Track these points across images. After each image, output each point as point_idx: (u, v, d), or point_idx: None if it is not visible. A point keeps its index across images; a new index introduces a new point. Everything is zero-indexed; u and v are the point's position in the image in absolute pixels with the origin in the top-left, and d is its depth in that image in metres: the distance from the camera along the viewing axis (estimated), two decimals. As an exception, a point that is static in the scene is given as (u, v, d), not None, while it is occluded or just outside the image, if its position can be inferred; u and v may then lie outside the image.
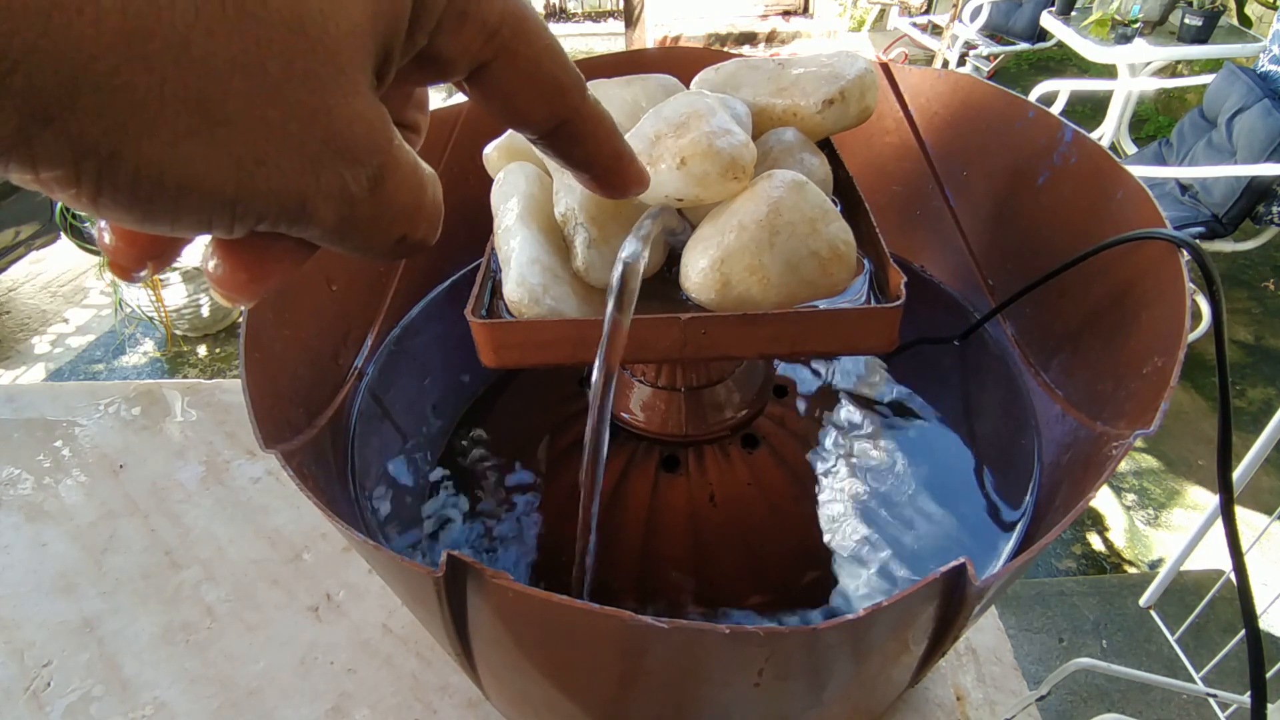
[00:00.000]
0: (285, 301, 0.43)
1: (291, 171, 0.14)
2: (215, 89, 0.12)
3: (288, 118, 0.13)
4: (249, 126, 0.13)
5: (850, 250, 0.35)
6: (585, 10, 4.13)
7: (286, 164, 0.14)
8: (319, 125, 0.14)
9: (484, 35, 0.16)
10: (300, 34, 0.13)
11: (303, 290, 0.46)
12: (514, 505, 0.45)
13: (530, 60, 0.17)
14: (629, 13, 2.52)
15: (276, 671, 0.54)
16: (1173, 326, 0.33)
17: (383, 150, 0.15)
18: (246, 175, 0.13)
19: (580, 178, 0.21)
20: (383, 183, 0.15)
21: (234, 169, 0.13)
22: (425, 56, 0.16)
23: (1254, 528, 1.46)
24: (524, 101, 0.18)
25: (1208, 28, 2.28)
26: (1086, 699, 1.23)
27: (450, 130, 0.56)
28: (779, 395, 0.50)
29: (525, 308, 0.33)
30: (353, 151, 0.15)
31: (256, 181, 0.14)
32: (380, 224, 0.16)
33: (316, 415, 0.44)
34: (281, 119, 0.13)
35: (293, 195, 0.14)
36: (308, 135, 0.14)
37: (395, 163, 0.15)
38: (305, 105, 0.14)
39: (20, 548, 0.64)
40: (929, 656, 0.34)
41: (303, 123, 0.14)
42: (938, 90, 0.54)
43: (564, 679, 0.33)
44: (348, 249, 0.16)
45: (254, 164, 0.13)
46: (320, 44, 0.13)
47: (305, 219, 0.15)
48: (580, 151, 0.20)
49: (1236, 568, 0.32)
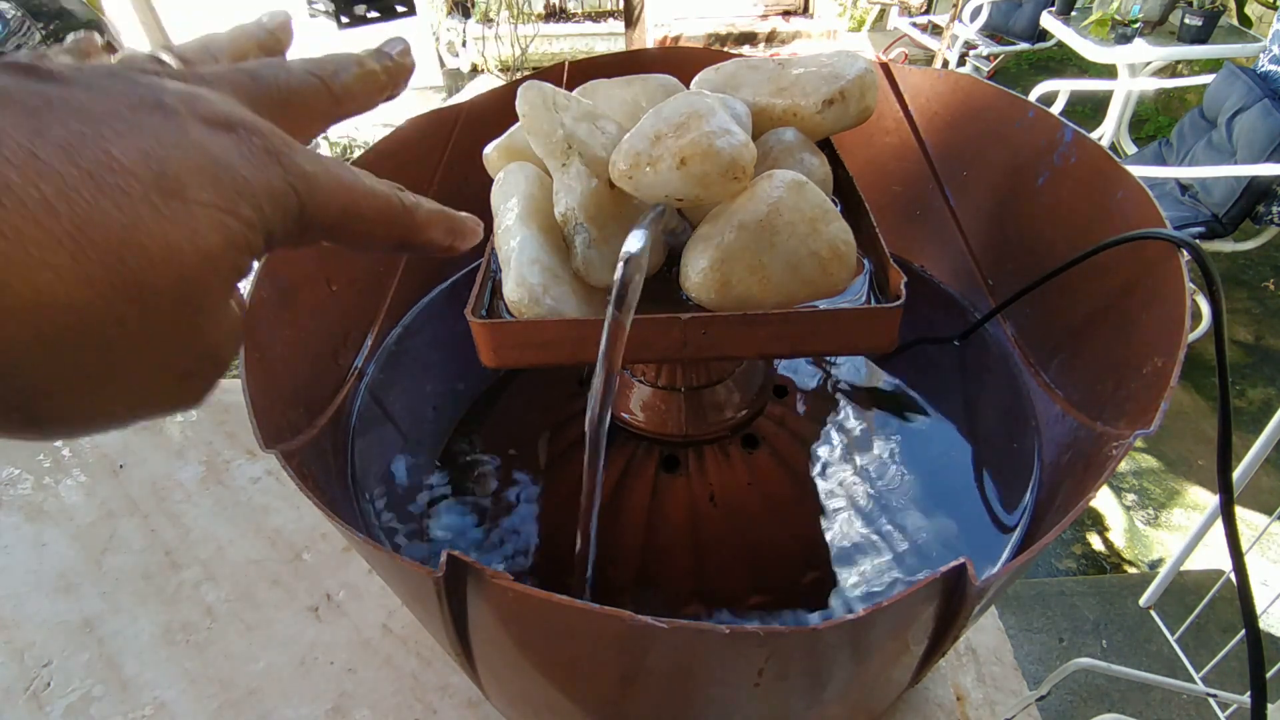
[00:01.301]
0: (285, 301, 0.43)
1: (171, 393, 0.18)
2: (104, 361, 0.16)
3: (165, 361, 0.17)
4: (136, 379, 0.17)
5: (850, 250, 0.35)
6: (585, 10, 4.13)
7: (166, 391, 0.18)
8: (193, 352, 0.18)
9: (326, 232, 0.20)
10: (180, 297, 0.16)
11: (303, 290, 0.46)
12: (514, 505, 0.45)
13: (363, 229, 0.21)
14: (629, 13, 2.52)
15: (276, 671, 0.54)
16: (1173, 326, 0.33)
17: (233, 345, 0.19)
18: (136, 406, 0.17)
19: None
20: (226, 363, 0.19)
21: (125, 407, 0.17)
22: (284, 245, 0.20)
23: (1254, 528, 1.46)
24: (372, 244, 0.22)
25: (1208, 28, 2.28)
26: (1086, 699, 1.23)
27: (450, 130, 0.56)
28: (779, 395, 0.50)
29: (525, 308, 0.33)
30: (215, 361, 0.18)
31: (143, 409, 0.18)
32: None
33: (316, 415, 0.44)
34: (161, 363, 0.17)
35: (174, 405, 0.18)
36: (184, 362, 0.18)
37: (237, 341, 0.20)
38: (182, 343, 0.17)
39: (20, 548, 0.64)
40: (929, 656, 0.34)
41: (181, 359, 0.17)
42: (938, 90, 0.54)
43: (564, 679, 0.33)
44: None
45: (139, 402, 0.17)
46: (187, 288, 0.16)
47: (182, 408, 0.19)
48: (424, 250, 0.24)
49: (1236, 568, 0.32)
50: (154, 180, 0.16)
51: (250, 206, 0.17)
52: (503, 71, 3.48)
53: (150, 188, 0.15)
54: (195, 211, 0.16)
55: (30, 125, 0.15)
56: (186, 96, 0.17)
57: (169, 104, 0.17)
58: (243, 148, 0.18)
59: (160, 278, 0.16)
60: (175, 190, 0.16)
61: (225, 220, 0.17)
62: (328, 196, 0.19)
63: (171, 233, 0.16)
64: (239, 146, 0.18)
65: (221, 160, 0.17)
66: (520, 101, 0.35)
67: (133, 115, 0.16)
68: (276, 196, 0.18)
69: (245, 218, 0.17)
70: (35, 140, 0.14)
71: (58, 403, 0.16)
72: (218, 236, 0.17)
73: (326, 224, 0.20)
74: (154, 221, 0.15)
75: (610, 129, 0.37)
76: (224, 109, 0.18)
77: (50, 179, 0.14)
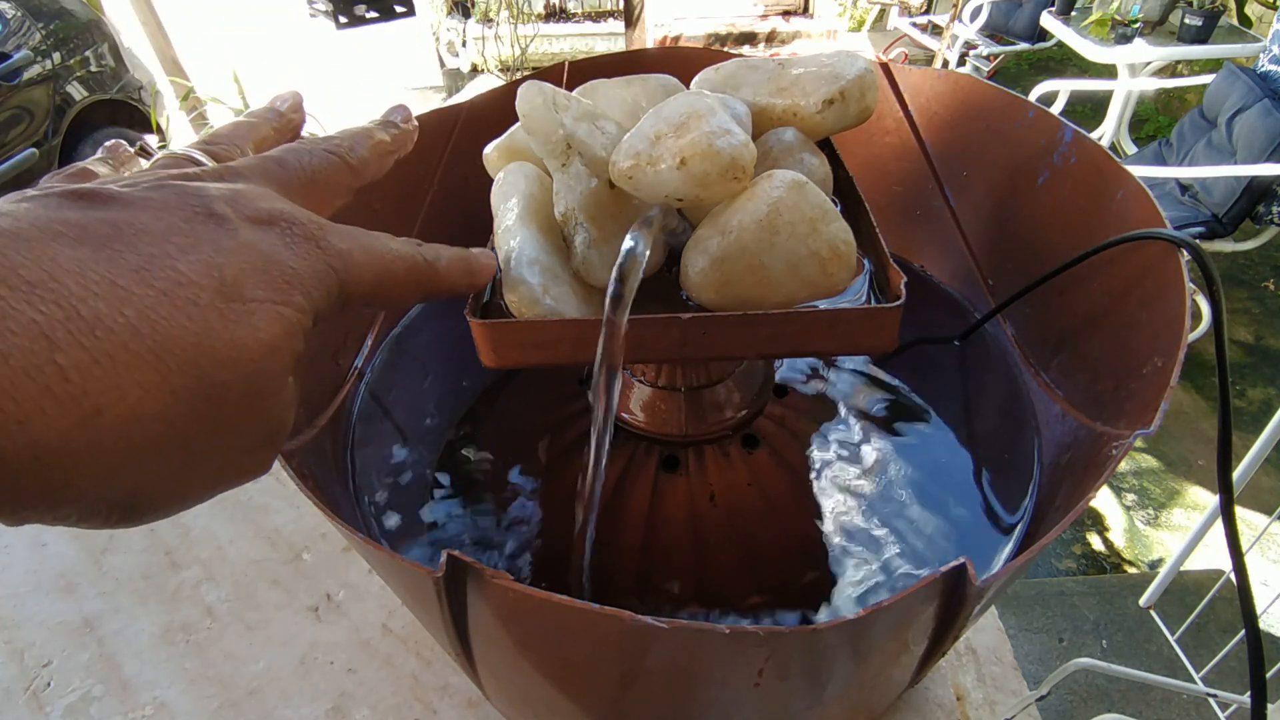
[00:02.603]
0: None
1: (245, 467, 0.20)
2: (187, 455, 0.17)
3: (239, 444, 0.19)
4: (215, 463, 0.18)
5: (850, 250, 0.35)
6: (585, 10, 4.13)
7: (241, 466, 0.20)
8: (262, 430, 0.19)
9: (363, 301, 0.22)
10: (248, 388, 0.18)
11: (303, 290, 0.46)
12: (514, 505, 0.45)
13: (396, 292, 0.23)
14: (629, 13, 2.52)
15: (276, 671, 0.54)
16: (1173, 326, 0.33)
17: (292, 414, 0.21)
18: (216, 484, 0.19)
19: None
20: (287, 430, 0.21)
21: (206, 487, 0.19)
22: None
23: (1254, 528, 1.46)
24: (404, 302, 0.24)
25: (1208, 28, 2.28)
26: (1086, 699, 1.23)
27: (450, 130, 0.56)
28: (779, 395, 0.50)
29: (525, 308, 0.33)
30: (281, 432, 0.20)
31: (221, 485, 0.19)
32: None
33: (316, 415, 0.44)
34: (235, 445, 0.18)
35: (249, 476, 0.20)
36: (255, 441, 0.19)
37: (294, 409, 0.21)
38: (253, 426, 0.18)
39: (20, 548, 0.64)
40: (929, 656, 0.34)
41: (252, 439, 0.19)
42: (938, 90, 0.54)
43: (564, 679, 0.33)
44: None
45: (218, 480, 0.19)
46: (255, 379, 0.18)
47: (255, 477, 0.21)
48: (448, 292, 0.25)
49: (1236, 568, 0.32)
50: (217, 288, 0.17)
51: (300, 294, 0.19)
52: (503, 71, 3.48)
53: (215, 295, 0.17)
54: (254, 309, 0.18)
55: (106, 255, 0.16)
56: (231, 199, 0.19)
57: (218, 211, 0.18)
58: (286, 239, 0.19)
59: (231, 375, 0.17)
60: (235, 294, 0.17)
61: (281, 311, 0.18)
62: (362, 271, 0.21)
63: (237, 333, 0.17)
64: (283, 239, 0.19)
65: (271, 256, 0.19)
66: (520, 101, 0.35)
67: (190, 228, 0.18)
68: (321, 279, 0.20)
69: (297, 304, 0.19)
70: (113, 269, 0.16)
71: (150, 497, 0.17)
72: (277, 328, 0.18)
73: (363, 294, 0.21)
74: (221, 326, 0.17)
75: (610, 129, 0.37)
76: (265, 206, 0.20)
77: (132, 303, 0.15)
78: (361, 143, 0.26)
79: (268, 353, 0.18)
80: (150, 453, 0.16)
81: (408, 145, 0.29)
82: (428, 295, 0.24)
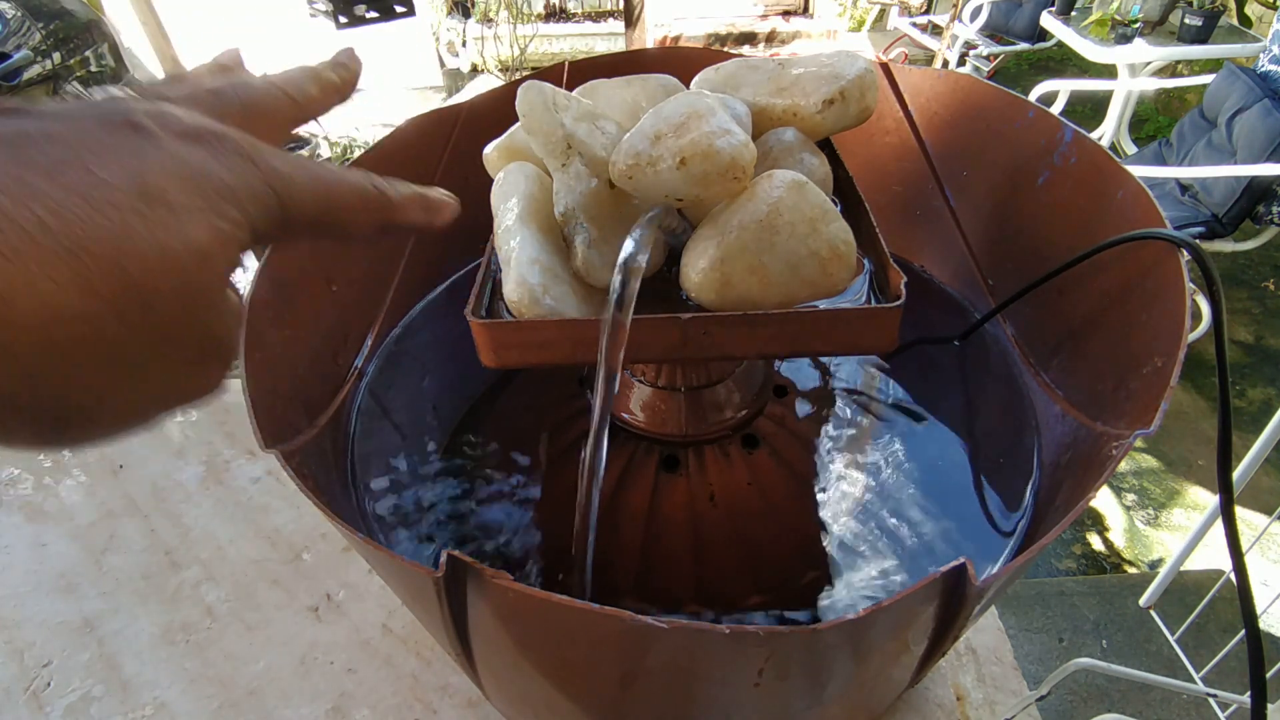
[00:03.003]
0: (285, 301, 0.43)
1: (189, 384, 0.19)
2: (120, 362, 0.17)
3: (178, 354, 0.18)
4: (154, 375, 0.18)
5: (850, 250, 0.35)
6: (585, 10, 4.12)
7: (184, 382, 0.19)
8: (204, 344, 0.19)
9: (310, 225, 0.21)
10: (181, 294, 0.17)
11: (303, 290, 0.46)
12: (514, 505, 0.45)
13: (346, 218, 0.22)
14: (629, 13, 2.52)
15: (276, 671, 0.54)
16: (1173, 326, 0.33)
17: (237, 330, 0.20)
18: (159, 400, 0.19)
19: None
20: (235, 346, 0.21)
21: (149, 402, 0.18)
22: None
23: (1254, 528, 1.46)
24: (356, 232, 0.23)
25: (1208, 28, 2.28)
26: (1086, 699, 1.23)
27: (450, 130, 0.56)
28: (779, 395, 0.50)
29: (525, 308, 0.33)
30: (226, 349, 0.20)
31: (166, 402, 0.19)
32: None
33: (316, 415, 0.44)
34: (174, 357, 0.18)
35: (194, 394, 0.20)
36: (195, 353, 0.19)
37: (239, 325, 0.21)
38: (190, 336, 0.18)
39: (20, 548, 0.64)
40: (929, 656, 0.34)
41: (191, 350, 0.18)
42: (938, 90, 0.54)
43: (564, 679, 0.33)
44: None
45: (161, 396, 0.19)
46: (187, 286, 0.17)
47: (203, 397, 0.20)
48: (406, 230, 0.24)
49: (1236, 568, 0.32)
50: (138, 191, 0.17)
51: (233, 206, 0.18)
52: (503, 71, 3.48)
53: (136, 198, 0.16)
54: (182, 216, 0.17)
55: (13, 155, 0.16)
56: (155, 113, 0.19)
57: (140, 122, 0.18)
58: (217, 154, 0.19)
59: (160, 279, 0.17)
60: (159, 198, 0.17)
61: (213, 221, 0.18)
62: (304, 192, 0.21)
63: (163, 237, 0.17)
64: (212, 153, 0.19)
65: (198, 167, 0.18)
66: (520, 101, 0.35)
67: (108, 137, 0.17)
68: (256, 195, 0.19)
69: (230, 217, 0.18)
70: (20, 168, 0.15)
71: (83, 407, 0.17)
72: (207, 236, 0.18)
73: (308, 218, 0.21)
74: (145, 229, 0.16)
75: (610, 129, 0.37)
76: (192, 121, 0.19)
77: (41, 200, 0.15)
78: (306, 77, 0.25)
79: (200, 260, 0.17)
80: (73, 354, 0.16)
81: (352, 86, 0.28)
82: (383, 225, 0.23)
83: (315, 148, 2.50)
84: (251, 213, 0.19)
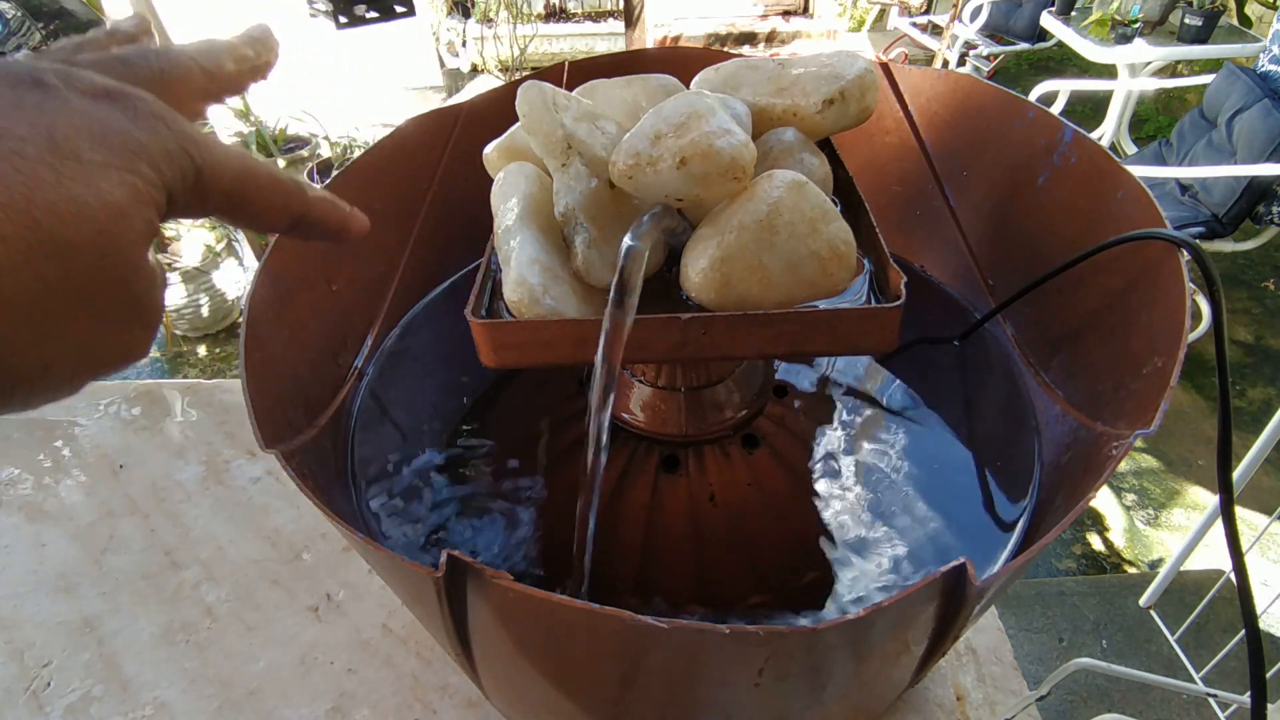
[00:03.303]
0: (285, 301, 0.43)
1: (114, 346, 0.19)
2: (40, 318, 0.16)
3: (100, 312, 0.18)
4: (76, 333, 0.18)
5: (850, 250, 0.35)
6: (585, 10, 4.12)
7: (109, 343, 0.19)
8: (126, 304, 0.18)
9: (224, 200, 0.21)
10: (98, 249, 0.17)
11: (303, 290, 0.46)
12: (514, 505, 0.45)
13: (260, 201, 0.22)
14: (629, 13, 2.52)
15: (276, 671, 0.54)
16: (1173, 326, 0.33)
17: (159, 293, 0.20)
18: (85, 360, 0.18)
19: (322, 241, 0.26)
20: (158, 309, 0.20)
21: (75, 362, 0.18)
22: None
23: (1254, 528, 1.46)
24: (268, 217, 0.23)
25: (1208, 28, 2.28)
26: (1086, 699, 1.23)
27: (450, 130, 0.56)
28: (779, 395, 0.50)
29: (525, 308, 0.33)
30: (151, 312, 0.20)
31: (93, 363, 0.19)
32: None
33: (316, 415, 0.44)
34: (96, 315, 0.18)
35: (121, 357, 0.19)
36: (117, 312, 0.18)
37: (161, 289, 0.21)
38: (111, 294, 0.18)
39: (20, 548, 0.64)
40: (929, 656, 0.34)
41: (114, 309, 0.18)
42: (938, 90, 0.54)
43: (564, 679, 0.33)
44: None
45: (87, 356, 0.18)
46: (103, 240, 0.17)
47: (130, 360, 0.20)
48: (316, 232, 0.24)
49: (1236, 568, 0.32)
50: (46, 144, 0.16)
51: (148, 164, 0.18)
52: (503, 71, 3.48)
53: (44, 150, 0.16)
54: (94, 170, 0.17)
55: None
56: (62, 73, 0.18)
57: (47, 80, 0.18)
58: (129, 113, 0.18)
59: (75, 233, 0.16)
60: (70, 152, 0.17)
61: (126, 177, 0.18)
62: (222, 162, 0.20)
63: (76, 190, 0.16)
64: (124, 112, 0.18)
65: (110, 124, 0.18)
66: (520, 101, 0.35)
67: (12, 93, 0.17)
68: (172, 156, 0.19)
69: (145, 175, 0.18)
70: None
71: (9, 368, 0.17)
72: (122, 192, 0.17)
73: (223, 189, 0.21)
74: (55, 181, 0.16)
75: (610, 129, 0.37)
76: (101, 82, 0.19)
77: None
78: (220, 51, 0.25)
79: (115, 215, 0.17)
80: None
81: (270, 63, 0.27)
82: (294, 219, 0.23)
83: (315, 147, 2.50)
84: (166, 173, 0.19)
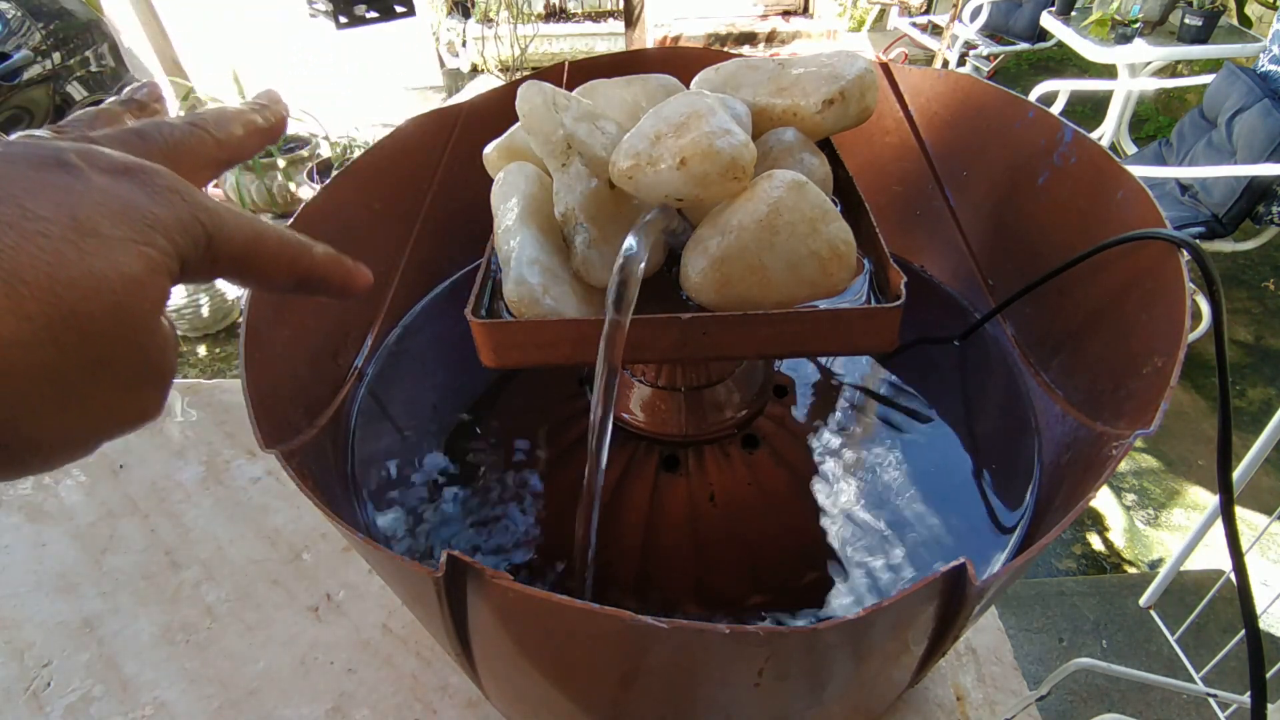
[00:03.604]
0: (285, 301, 0.43)
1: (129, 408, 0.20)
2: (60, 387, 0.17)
3: (116, 379, 0.19)
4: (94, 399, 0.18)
5: (850, 250, 0.35)
6: (585, 10, 4.13)
7: (124, 406, 0.19)
8: (141, 368, 0.19)
9: (234, 264, 0.22)
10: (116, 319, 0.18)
11: (303, 290, 0.46)
12: (514, 505, 0.45)
13: (269, 262, 0.23)
14: (629, 13, 2.52)
15: (276, 671, 0.54)
16: (1173, 326, 0.33)
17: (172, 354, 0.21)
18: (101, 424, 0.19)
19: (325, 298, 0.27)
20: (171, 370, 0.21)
21: (91, 426, 0.19)
22: None
23: (1254, 528, 1.46)
24: (276, 278, 0.24)
25: (1208, 28, 2.28)
26: (1086, 699, 1.23)
27: (450, 130, 0.56)
28: (779, 395, 0.50)
29: (525, 308, 0.33)
30: (164, 374, 0.20)
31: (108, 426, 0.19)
32: None
33: (316, 415, 0.44)
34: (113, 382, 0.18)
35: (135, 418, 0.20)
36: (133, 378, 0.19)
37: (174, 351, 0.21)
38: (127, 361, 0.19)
39: (20, 548, 0.64)
40: (929, 656, 0.34)
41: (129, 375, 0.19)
42: (938, 90, 0.54)
43: (564, 679, 0.33)
44: None
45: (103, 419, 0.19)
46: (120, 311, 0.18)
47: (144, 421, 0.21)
48: (321, 289, 0.25)
49: (1236, 568, 0.32)
50: (69, 223, 0.17)
51: (163, 236, 0.19)
52: (503, 71, 3.48)
53: (67, 229, 0.17)
54: (113, 245, 0.18)
55: None
56: (83, 152, 0.19)
57: (69, 160, 0.19)
58: (145, 188, 0.20)
59: (94, 305, 0.17)
60: (91, 230, 0.18)
61: (143, 250, 0.19)
62: (232, 230, 0.21)
63: (96, 265, 0.17)
64: (141, 187, 0.19)
65: (128, 200, 0.19)
66: (520, 101, 0.35)
67: (37, 174, 0.18)
68: (185, 227, 0.20)
69: (160, 245, 0.19)
70: None
71: (28, 437, 0.17)
72: (139, 264, 0.18)
73: (233, 254, 0.22)
74: (77, 257, 0.17)
75: (610, 129, 0.37)
76: (120, 159, 0.20)
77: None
78: (230, 118, 0.26)
79: (133, 286, 0.18)
80: (13, 381, 0.16)
81: (280, 127, 0.28)
82: (301, 278, 0.24)
83: (315, 147, 2.50)
84: (180, 243, 0.20)
